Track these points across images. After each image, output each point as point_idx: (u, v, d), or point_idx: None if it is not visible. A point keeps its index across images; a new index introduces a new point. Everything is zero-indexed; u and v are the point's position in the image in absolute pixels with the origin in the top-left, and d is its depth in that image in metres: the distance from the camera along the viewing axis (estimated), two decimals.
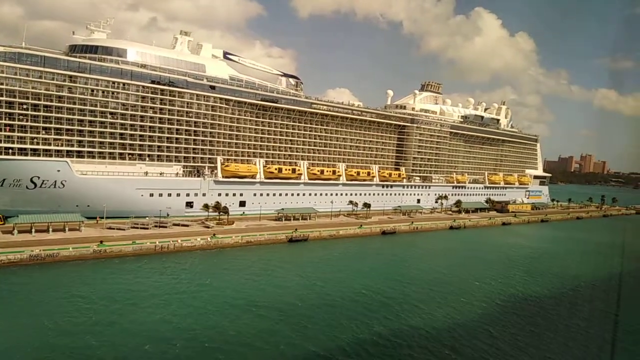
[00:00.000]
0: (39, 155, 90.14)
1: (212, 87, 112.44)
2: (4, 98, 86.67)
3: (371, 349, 49.21)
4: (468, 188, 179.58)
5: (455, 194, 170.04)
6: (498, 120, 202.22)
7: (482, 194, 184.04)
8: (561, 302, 72.58)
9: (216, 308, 57.28)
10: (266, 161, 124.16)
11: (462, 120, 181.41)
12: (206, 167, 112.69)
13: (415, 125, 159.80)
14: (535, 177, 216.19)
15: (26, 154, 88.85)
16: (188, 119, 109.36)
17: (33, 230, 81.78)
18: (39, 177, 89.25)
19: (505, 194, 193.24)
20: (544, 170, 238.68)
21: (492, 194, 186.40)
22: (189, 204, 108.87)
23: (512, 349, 51.98)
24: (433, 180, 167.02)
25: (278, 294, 64.06)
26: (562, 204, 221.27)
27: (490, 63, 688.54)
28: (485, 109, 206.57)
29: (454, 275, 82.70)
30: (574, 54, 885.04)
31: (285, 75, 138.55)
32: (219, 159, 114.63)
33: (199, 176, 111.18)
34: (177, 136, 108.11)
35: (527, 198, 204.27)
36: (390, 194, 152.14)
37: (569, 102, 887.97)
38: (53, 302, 55.94)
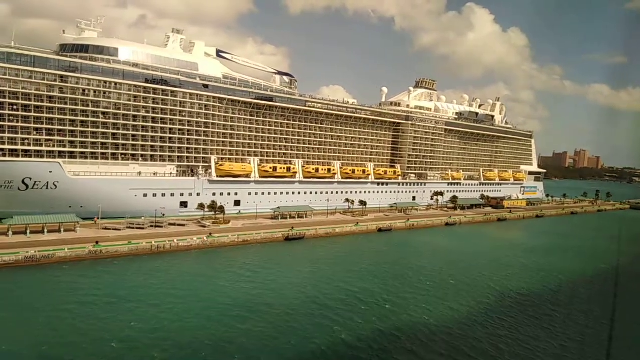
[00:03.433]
0: (30, 156, 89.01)
1: (206, 86, 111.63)
2: None
3: (369, 347, 48.79)
4: (463, 185, 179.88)
5: (451, 191, 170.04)
6: (493, 116, 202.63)
7: (477, 191, 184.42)
8: (559, 298, 72.46)
9: (209, 309, 56.64)
10: (261, 160, 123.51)
11: (456, 117, 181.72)
12: (200, 167, 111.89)
13: (410, 122, 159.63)
14: (530, 173, 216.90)
15: (17, 155, 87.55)
16: (181, 118, 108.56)
17: (28, 231, 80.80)
18: (30, 179, 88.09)
19: (500, 190, 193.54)
20: (539, 166, 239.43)
21: (488, 191, 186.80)
22: (183, 204, 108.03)
23: (511, 348, 51.78)
24: (428, 178, 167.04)
25: (273, 295, 63.24)
26: (557, 199, 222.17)
27: (483, 59, 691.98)
28: (480, 106, 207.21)
29: (450, 272, 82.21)
30: (566, 50, 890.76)
31: (279, 73, 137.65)
32: (213, 158, 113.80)
33: (192, 176, 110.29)
34: (171, 136, 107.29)
35: (522, 194, 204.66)
36: (386, 192, 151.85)
37: (563, 98, 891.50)
38: (50, 302, 55.26)
